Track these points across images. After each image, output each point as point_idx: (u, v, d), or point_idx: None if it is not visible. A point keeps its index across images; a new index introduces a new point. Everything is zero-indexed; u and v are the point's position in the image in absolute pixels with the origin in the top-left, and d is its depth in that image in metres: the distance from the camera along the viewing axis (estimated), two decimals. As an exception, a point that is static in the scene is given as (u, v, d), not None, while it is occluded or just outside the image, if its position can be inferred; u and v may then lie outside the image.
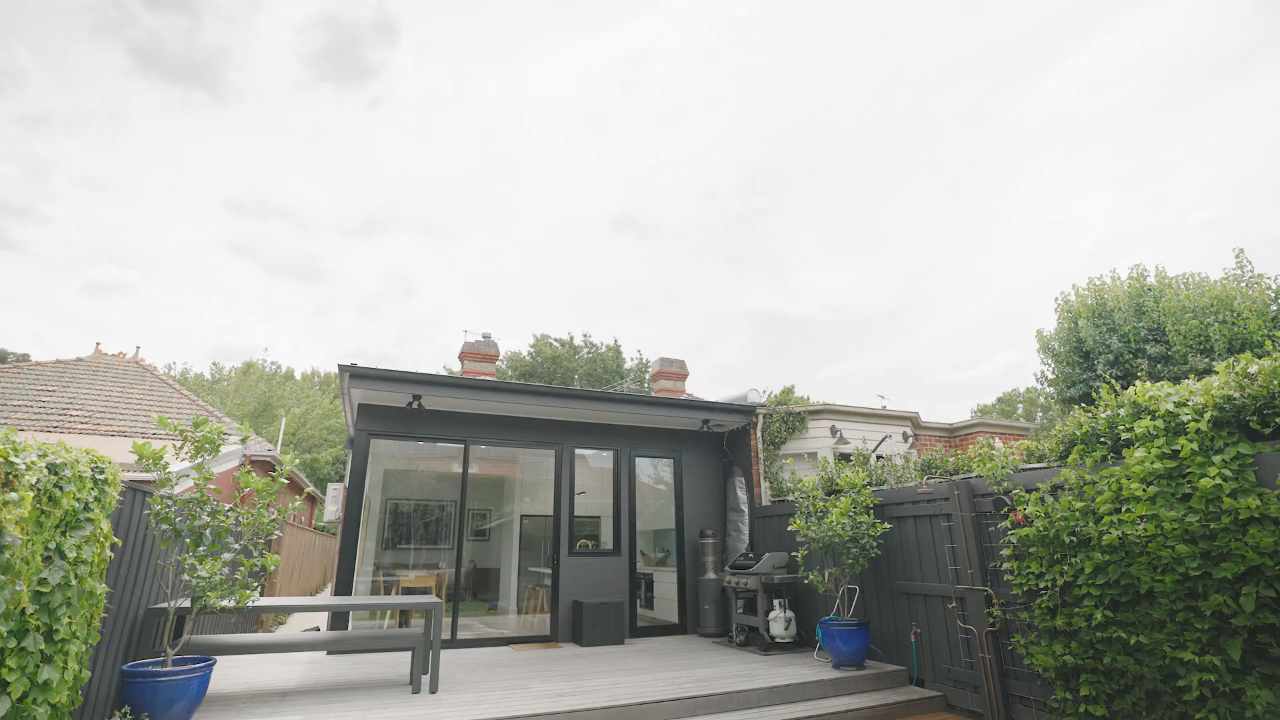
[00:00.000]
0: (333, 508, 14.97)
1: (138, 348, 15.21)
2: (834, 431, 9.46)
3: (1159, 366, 10.15)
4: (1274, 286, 9.67)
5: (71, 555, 3.14)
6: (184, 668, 4.01)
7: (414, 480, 12.19)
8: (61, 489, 3.02)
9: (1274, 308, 9.30)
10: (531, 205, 66.87)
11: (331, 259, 68.38)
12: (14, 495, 2.49)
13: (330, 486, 15.80)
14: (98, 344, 14.93)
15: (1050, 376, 13.24)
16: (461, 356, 13.31)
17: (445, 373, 33.04)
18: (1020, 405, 36.06)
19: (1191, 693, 3.78)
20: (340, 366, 6.99)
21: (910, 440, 10.47)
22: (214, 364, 35.25)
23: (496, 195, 68.41)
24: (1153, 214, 52.96)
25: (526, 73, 54.09)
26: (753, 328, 70.13)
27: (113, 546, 3.80)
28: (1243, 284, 10.02)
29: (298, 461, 27.29)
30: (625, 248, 70.40)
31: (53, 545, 3.02)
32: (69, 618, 3.14)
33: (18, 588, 2.64)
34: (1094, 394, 4.83)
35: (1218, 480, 3.77)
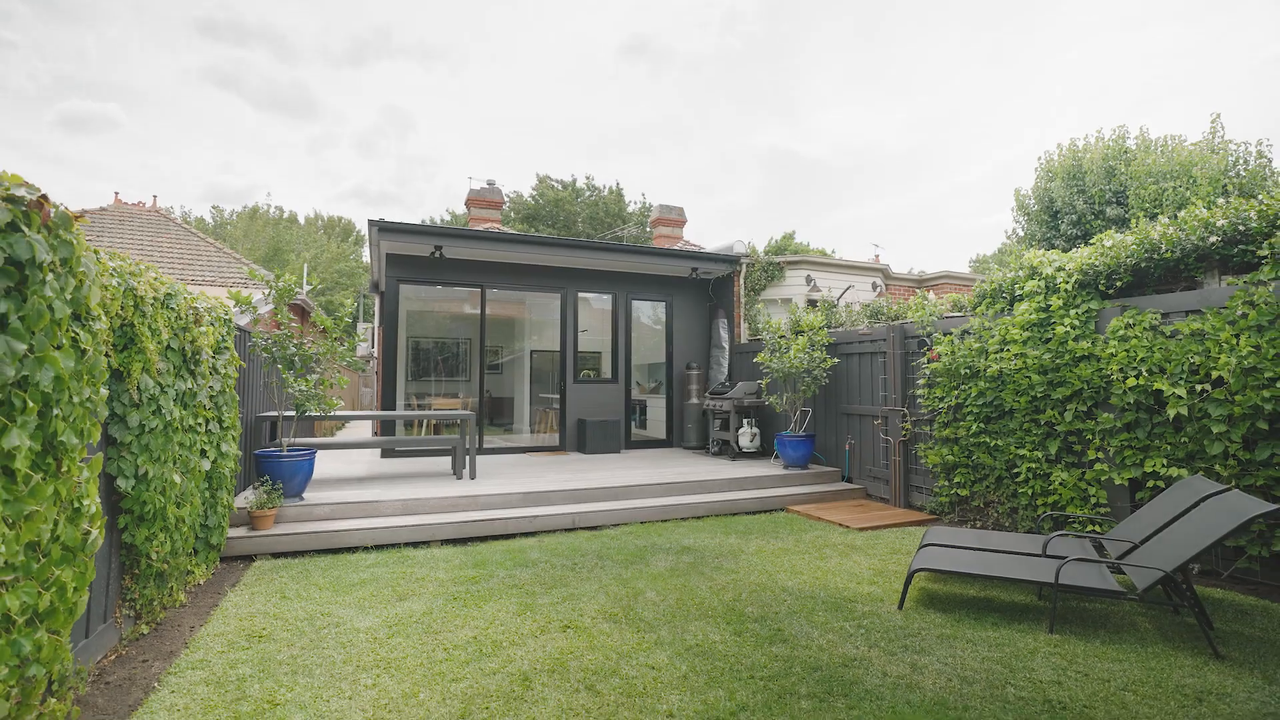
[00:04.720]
0: (363, 345, 16.56)
1: (155, 197, 15.80)
2: (809, 280, 10.57)
3: (1114, 229, 10.94)
4: (1236, 153, 10.15)
5: (223, 371, 4.42)
6: (297, 453, 5.50)
7: (431, 321, 13.54)
8: (213, 325, 4.22)
9: (1231, 174, 9.88)
10: (535, 28, 61.64)
11: (322, 90, 64.41)
12: (203, 328, 3.68)
13: (359, 326, 17.21)
14: (117, 194, 15.50)
15: (1021, 234, 13.98)
16: (468, 203, 14.05)
17: (450, 217, 33.19)
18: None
19: (1021, 476, 5.30)
20: (370, 221, 7.91)
21: (880, 290, 11.61)
22: (214, 207, 35.34)
23: (497, 16, 62.86)
24: (1217, 51, 48.86)
25: None
26: (763, 170, 67.90)
27: (238, 368, 5.10)
28: (1210, 150, 10.46)
29: (352, 305, 28.67)
30: (635, 81, 65.91)
31: (211, 363, 4.28)
32: (228, 413, 4.50)
33: (204, 388, 3.93)
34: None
35: (1067, 329, 4.98)
